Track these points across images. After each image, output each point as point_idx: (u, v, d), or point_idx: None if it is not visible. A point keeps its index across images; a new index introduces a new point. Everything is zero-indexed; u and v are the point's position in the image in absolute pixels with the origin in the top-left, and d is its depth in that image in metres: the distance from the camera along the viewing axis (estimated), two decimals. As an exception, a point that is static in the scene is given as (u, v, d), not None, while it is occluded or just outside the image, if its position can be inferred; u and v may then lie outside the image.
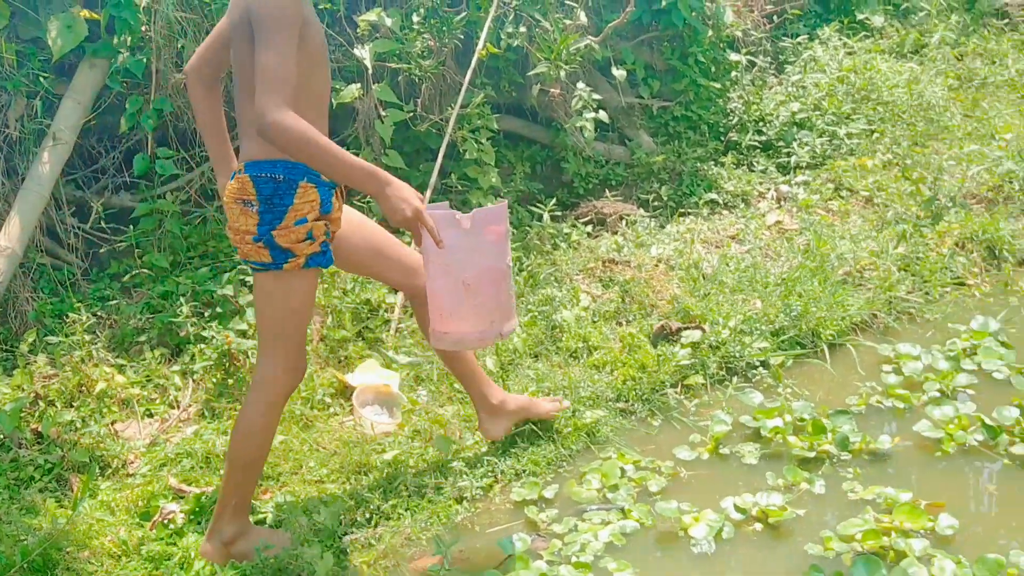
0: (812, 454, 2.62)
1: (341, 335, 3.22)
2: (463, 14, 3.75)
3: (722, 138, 4.53)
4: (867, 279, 3.52)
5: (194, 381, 3.09)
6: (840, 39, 5.00)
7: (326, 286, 3.36)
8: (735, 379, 3.04)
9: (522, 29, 3.79)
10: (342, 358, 3.18)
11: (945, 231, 3.75)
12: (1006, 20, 5.61)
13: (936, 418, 2.68)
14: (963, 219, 3.81)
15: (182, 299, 3.24)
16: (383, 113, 3.58)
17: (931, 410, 2.72)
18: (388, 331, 3.28)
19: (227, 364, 3.05)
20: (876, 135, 4.46)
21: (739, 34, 4.75)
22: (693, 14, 4.36)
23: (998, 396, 2.79)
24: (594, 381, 2.99)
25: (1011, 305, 3.38)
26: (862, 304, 3.33)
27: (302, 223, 2.16)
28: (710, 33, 4.50)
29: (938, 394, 2.83)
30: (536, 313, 3.30)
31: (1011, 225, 3.80)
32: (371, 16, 3.56)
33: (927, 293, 3.48)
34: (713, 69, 4.57)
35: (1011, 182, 4.08)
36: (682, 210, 4.12)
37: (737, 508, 2.42)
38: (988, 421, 2.60)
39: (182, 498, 2.55)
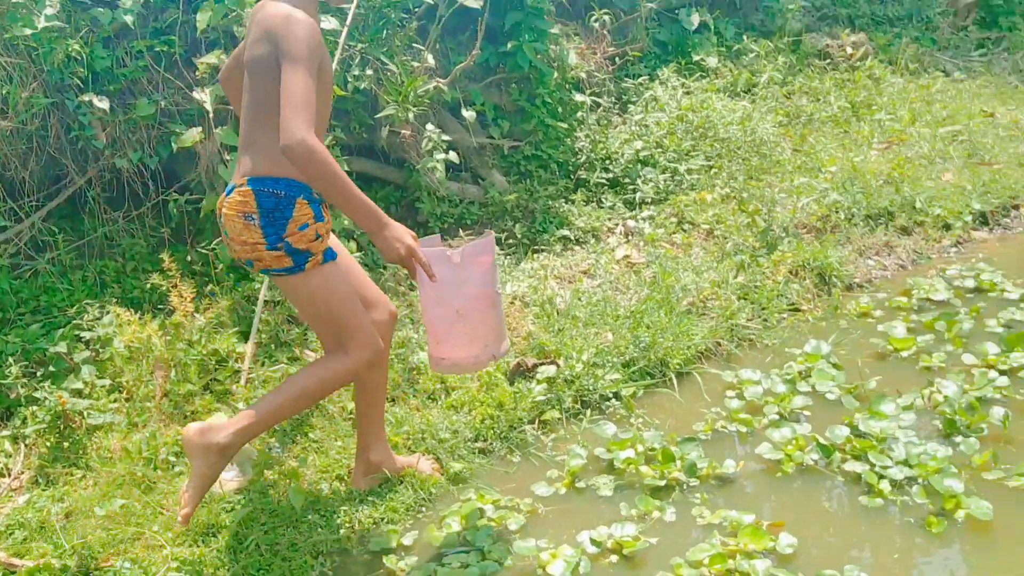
0: (663, 482, 2.70)
1: (187, 389, 3.09)
2: (308, 57, 3.71)
3: (571, 176, 4.66)
4: (710, 308, 3.68)
5: (26, 446, 2.90)
6: (678, 79, 5.26)
7: (169, 338, 3.23)
8: (589, 412, 3.10)
9: (369, 72, 3.79)
10: (188, 413, 3.05)
11: (779, 260, 3.97)
12: (828, 60, 6.05)
13: (776, 440, 2.82)
14: (795, 248, 4.05)
15: (11, 359, 3.03)
16: (227, 157, 3.49)
17: (771, 432, 2.86)
18: (238, 382, 3.18)
19: (62, 426, 2.87)
20: (714, 170, 4.69)
21: (583, 76, 4.91)
22: (538, 56, 4.48)
23: (831, 416, 2.97)
24: (452, 422, 2.98)
25: (841, 328, 3.61)
26: (706, 333, 3.47)
27: (304, 228, 2.31)
28: (555, 75, 4.63)
29: (777, 416, 2.98)
30: (392, 356, 3.27)
31: (838, 252, 4.06)
32: (211, 59, 3.47)
33: (765, 320, 3.67)
34: (560, 109, 4.71)
35: (837, 212, 4.38)
36: (536, 247, 4.20)
37: (593, 541, 2.46)
38: (822, 441, 2.76)
39: (13, 573, 2.37)
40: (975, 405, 2.86)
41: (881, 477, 2.58)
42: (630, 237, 4.34)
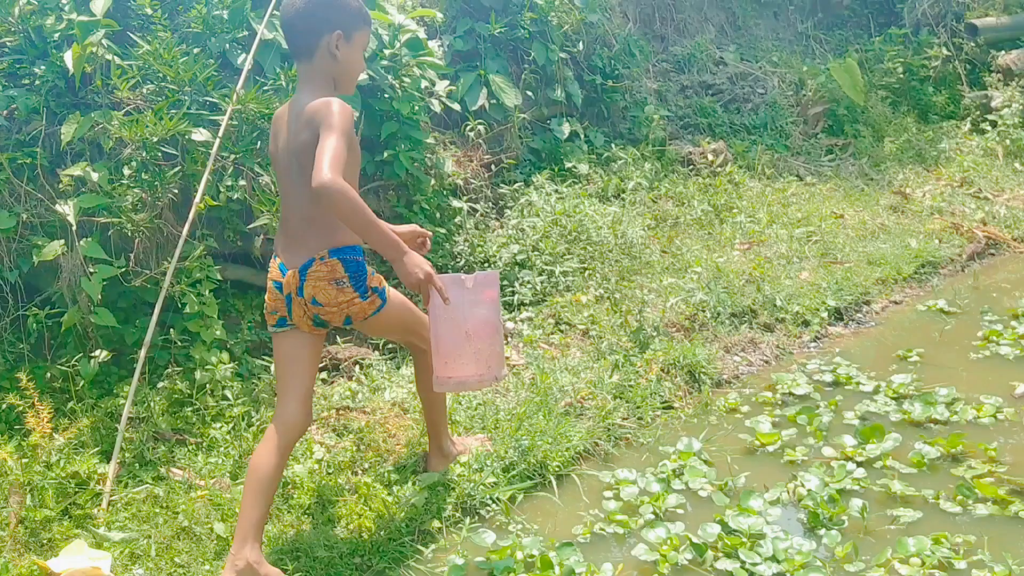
0: (543, 591, 2.69)
1: (43, 515, 2.91)
2: (177, 168, 3.69)
3: (451, 279, 4.72)
4: (587, 409, 3.75)
5: None
6: (552, 185, 5.46)
7: (26, 460, 3.05)
8: (469, 520, 3.08)
9: (242, 182, 3.79)
10: (44, 541, 2.87)
11: (652, 359, 4.11)
12: (691, 166, 6.41)
13: (651, 541, 2.86)
14: (666, 347, 4.20)
15: None
16: (91, 270, 3.39)
17: (647, 533, 2.91)
18: (99, 505, 3.01)
19: None
20: (588, 272, 4.85)
21: (460, 182, 5.05)
22: (415, 164, 4.59)
23: (704, 513, 3.05)
24: (329, 538, 2.91)
25: (711, 424, 3.74)
26: (584, 434, 3.53)
27: (373, 275, 2.82)
28: (432, 182, 4.74)
29: (652, 516, 3.03)
30: (266, 471, 3.18)
31: (706, 350, 4.23)
32: (75, 171, 3.41)
33: (640, 418, 3.76)
34: (438, 215, 4.80)
35: (703, 311, 4.58)
36: (415, 351, 4.21)
37: (472, 658, 2.41)
38: (695, 540, 2.82)
39: None
40: (835, 497, 2.99)
41: (751, 574, 2.65)
42: (509, 339, 4.41)
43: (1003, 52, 8.13)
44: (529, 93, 5.82)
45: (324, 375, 3.92)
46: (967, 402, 3.65)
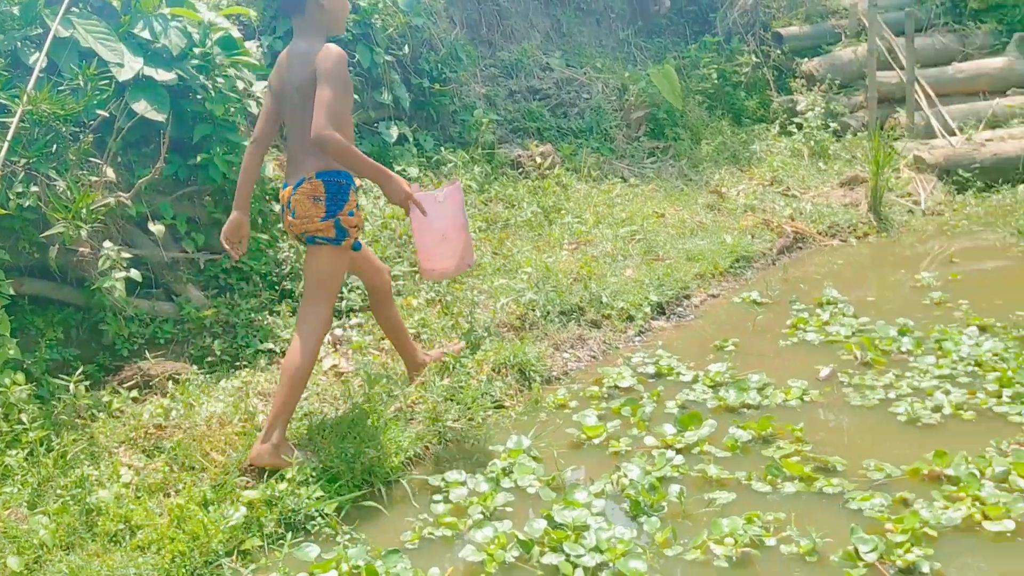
0: (369, 601, 2.62)
1: None
2: (-40, 174, 3.37)
3: (276, 287, 4.56)
4: (417, 413, 3.71)
5: None
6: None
7: None
8: (291, 535, 2.96)
9: (34, 188, 3.51)
10: None
11: (483, 359, 4.11)
12: (520, 169, 6.50)
13: (479, 541, 2.85)
14: (497, 347, 4.21)
15: None
16: None
17: (475, 534, 2.89)
18: None
19: None
20: (418, 275, 4.81)
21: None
22: (233, 169, 4.39)
23: (531, 510, 3.06)
24: (138, 566, 2.72)
25: (540, 421, 3.78)
26: (413, 438, 3.48)
27: (352, 215, 3.32)
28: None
29: (481, 516, 3.02)
30: (67, 498, 2.95)
31: (536, 348, 4.28)
32: None
33: (471, 419, 3.75)
34: (260, 220, 4.62)
35: (533, 310, 4.63)
36: (238, 363, 4.03)
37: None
38: (522, 536, 2.83)
39: None
40: (656, 485, 3.08)
41: (575, 566, 2.68)
42: (338, 346, 4.30)
43: (806, 59, 8.72)
44: (356, 97, 5.72)
45: (135, 392, 3.68)
46: (777, 386, 3.86)
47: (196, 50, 4.25)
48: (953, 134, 7.63)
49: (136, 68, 4.00)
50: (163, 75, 4.09)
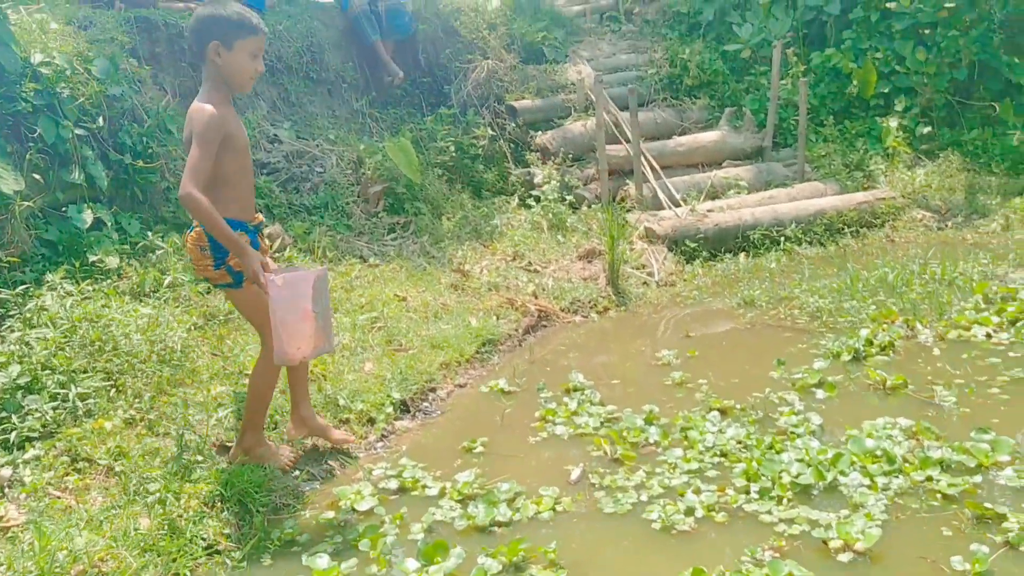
0: None
1: None
2: None
3: None
4: (107, 573, 3.01)
5: None
6: (71, 285, 4.58)
7: None
8: None
9: None
10: None
11: (193, 491, 3.48)
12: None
13: None
14: (211, 473, 3.59)
15: None
16: None
17: None
18: None
19: None
20: (116, 390, 4.08)
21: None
22: None
23: None
24: None
25: (264, 565, 3.21)
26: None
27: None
28: None
29: None
30: None
31: (259, 471, 3.70)
32: None
33: (177, 574, 3.11)
34: None
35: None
36: None
37: None
38: None
39: None
40: (397, 645, 2.63)
41: None
42: (5, 490, 3.48)
43: (540, 132, 8.83)
44: (37, 176, 4.89)
45: None
46: (528, 495, 3.57)
47: None
48: (679, 205, 7.97)
49: None
50: None
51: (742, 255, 7.32)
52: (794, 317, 5.68)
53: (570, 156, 8.56)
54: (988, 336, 4.92)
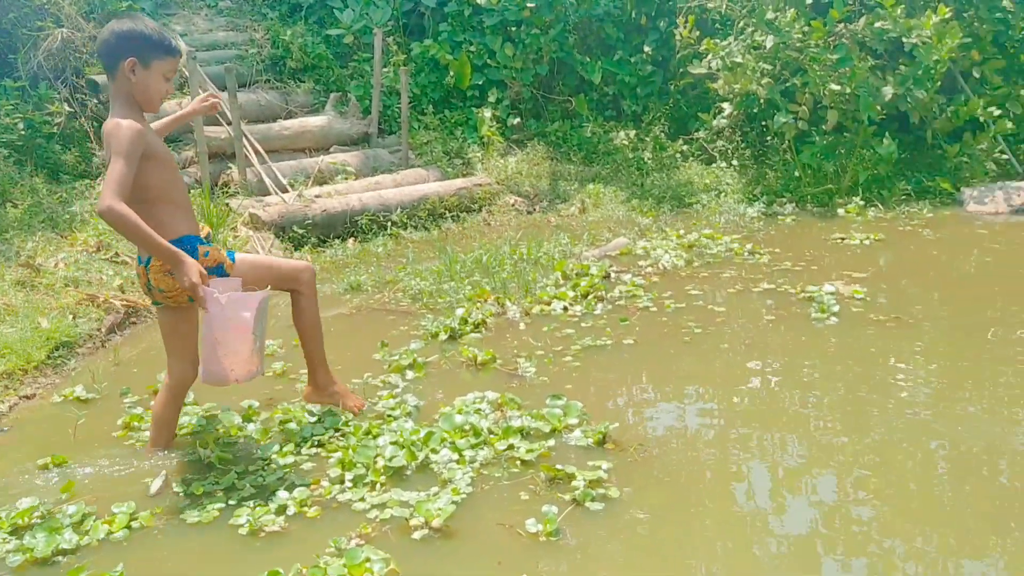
0: None
1: None
2: None
3: None
4: None
5: None
6: None
7: None
8: None
9: None
10: None
11: None
12: None
13: None
14: None
15: None
16: None
17: None
18: None
19: None
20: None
21: None
22: None
23: None
24: None
25: None
26: None
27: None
28: None
29: None
30: None
31: None
32: None
33: None
34: None
35: None
36: None
37: None
38: None
39: None
40: None
41: None
42: None
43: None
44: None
45: None
46: (99, 516, 3.18)
47: None
48: (286, 191, 7.75)
49: None
50: None
51: (351, 240, 7.33)
52: (398, 300, 5.78)
53: (165, 137, 7.91)
54: (565, 309, 5.41)
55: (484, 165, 9.02)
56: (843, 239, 6.85)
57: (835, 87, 7.78)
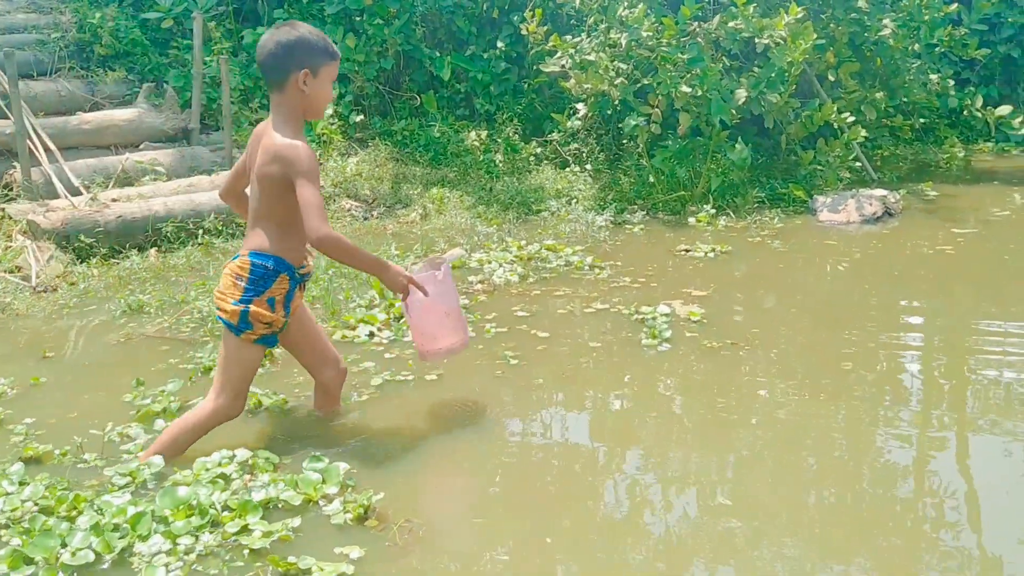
0: None
1: None
2: None
3: None
4: None
5: None
6: None
7: None
8: None
9: None
10: None
11: None
12: None
13: None
14: None
15: None
16: None
17: None
18: None
19: None
20: None
21: None
22: None
23: None
24: None
25: None
26: None
27: (272, 302, 3.22)
28: None
29: None
30: None
31: None
32: None
33: None
34: None
35: None
36: None
37: None
38: None
39: None
40: None
41: None
42: None
43: None
44: None
45: None
46: None
47: None
48: (79, 194, 6.80)
49: None
50: None
51: (153, 251, 6.45)
52: (183, 326, 4.99)
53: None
54: (371, 335, 4.75)
55: (322, 165, 8.24)
56: (688, 251, 6.40)
57: (686, 89, 7.36)
